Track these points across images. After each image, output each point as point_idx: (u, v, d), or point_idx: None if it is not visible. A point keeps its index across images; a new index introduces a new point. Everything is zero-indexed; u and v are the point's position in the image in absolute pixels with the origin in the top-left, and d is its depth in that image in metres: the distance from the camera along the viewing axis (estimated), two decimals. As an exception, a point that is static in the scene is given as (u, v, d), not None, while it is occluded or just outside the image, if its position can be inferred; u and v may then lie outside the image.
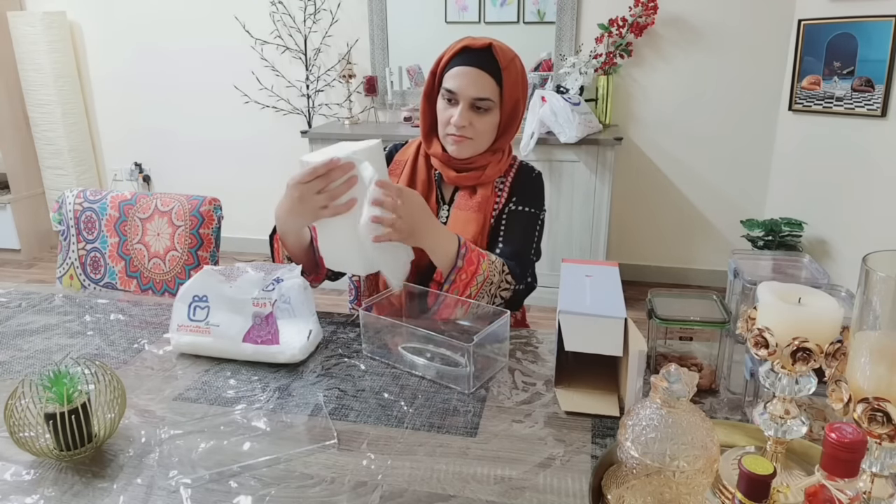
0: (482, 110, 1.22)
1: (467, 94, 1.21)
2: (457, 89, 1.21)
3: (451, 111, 1.23)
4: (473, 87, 1.20)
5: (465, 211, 1.29)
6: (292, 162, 4.24)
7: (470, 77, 1.20)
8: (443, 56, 1.25)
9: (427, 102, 1.30)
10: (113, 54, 3.78)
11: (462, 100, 1.22)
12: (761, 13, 2.95)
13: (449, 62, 1.23)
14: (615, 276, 1.02)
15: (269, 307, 1.06)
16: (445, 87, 1.23)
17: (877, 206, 2.55)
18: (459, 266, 1.15)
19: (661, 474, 0.62)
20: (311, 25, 3.43)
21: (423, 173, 1.32)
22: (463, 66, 1.21)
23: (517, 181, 1.34)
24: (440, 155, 1.29)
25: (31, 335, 1.18)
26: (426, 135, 1.32)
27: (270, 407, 0.94)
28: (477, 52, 1.21)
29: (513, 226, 1.30)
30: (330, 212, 1.07)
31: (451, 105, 1.24)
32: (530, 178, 1.35)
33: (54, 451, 0.80)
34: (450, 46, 1.25)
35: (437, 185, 1.34)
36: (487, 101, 1.21)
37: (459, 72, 1.21)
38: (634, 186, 3.33)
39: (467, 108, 1.22)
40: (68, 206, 1.65)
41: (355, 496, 0.75)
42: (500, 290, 1.22)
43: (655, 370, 0.98)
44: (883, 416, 0.57)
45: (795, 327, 0.67)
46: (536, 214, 1.33)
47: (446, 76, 1.23)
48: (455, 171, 1.29)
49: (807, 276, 1.01)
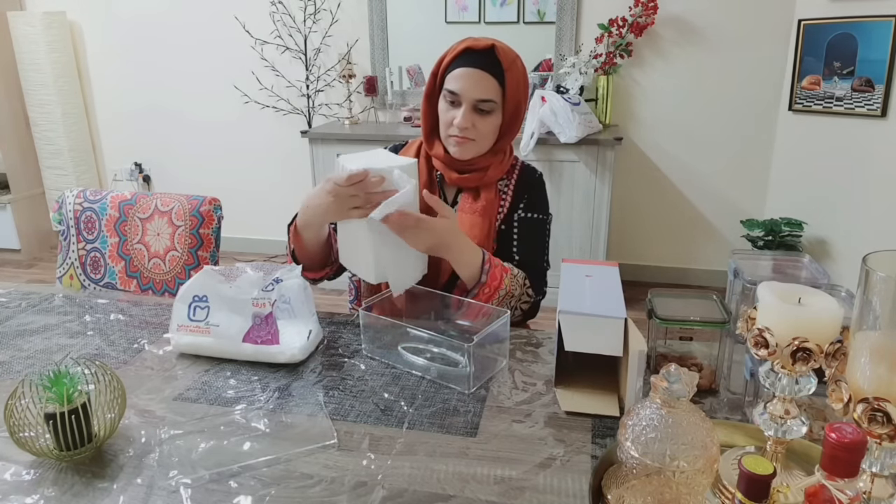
0: (485, 112, 1.22)
1: (470, 96, 1.20)
2: (459, 91, 1.21)
3: (453, 112, 1.23)
4: (476, 88, 1.20)
5: (469, 215, 1.28)
6: (292, 162, 4.21)
7: (473, 79, 1.20)
8: (444, 57, 1.25)
9: (428, 103, 1.30)
10: (113, 54, 3.78)
11: (465, 101, 1.21)
12: (761, 13, 2.95)
13: (451, 63, 1.23)
14: (615, 276, 1.02)
15: (269, 307, 1.06)
16: (448, 89, 1.23)
17: (877, 206, 2.56)
18: (483, 281, 1.17)
19: (661, 474, 0.62)
20: (311, 25, 3.43)
21: (424, 175, 1.32)
22: (465, 67, 1.20)
23: (521, 184, 1.34)
24: (442, 156, 1.29)
25: (31, 335, 1.18)
26: (427, 136, 1.32)
27: (270, 407, 0.94)
28: (479, 53, 1.20)
29: (525, 235, 1.32)
30: (359, 213, 1.08)
31: (454, 106, 1.23)
32: (534, 181, 1.35)
33: (54, 451, 0.80)
34: (451, 47, 1.24)
35: (440, 186, 1.34)
36: (490, 102, 1.21)
37: (462, 73, 1.20)
38: (634, 186, 3.33)
39: (470, 110, 1.21)
40: (68, 206, 1.65)
41: (355, 496, 0.75)
42: (521, 303, 1.24)
43: (655, 370, 0.98)
44: (883, 416, 0.57)
45: (795, 327, 0.67)
46: (545, 220, 1.34)
47: (448, 77, 1.23)
48: (457, 172, 1.29)
49: (807, 276, 1.01)
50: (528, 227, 1.32)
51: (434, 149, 1.30)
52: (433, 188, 1.32)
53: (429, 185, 1.32)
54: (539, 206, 1.34)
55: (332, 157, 3.10)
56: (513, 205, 1.33)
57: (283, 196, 3.76)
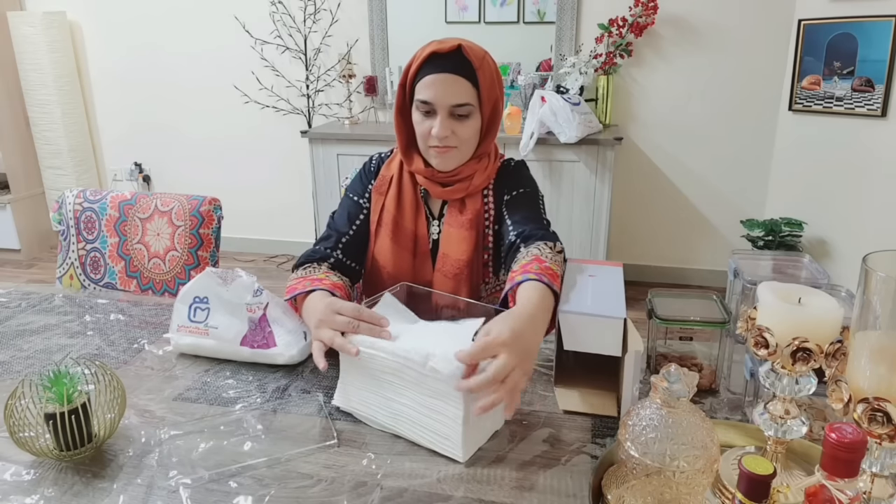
0: (462, 116, 1.15)
1: (444, 103, 1.13)
2: (432, 99, 1.13)
3: (429, 123, 1.16)
4: (450, 94, 1.13)
5: (457, 229, 1.23)
6: (292, 161, 4.21)
7: (444, 84, 1.13)
8: (410, 65, 1.17)
9: (401, 117, 1.22)
10: (113, 54, 3.78)
11: (440, 109, 1.14)
12: (761, 13, 2.95)
13: (418, 71, 1.16)
14: (619, 276, 1.02)
15: (260, 311, 1.05)
16: (420, 99, 1.15)
17: (877, 206, 2.56)
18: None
19: (661, 474, 0.62)
20: (311, 25, 3.43)
21: (409, 193, 1.26)
22: (434, 73, 1.13)
23: (500, 180, 1.27)
24: (423, 171, 1.21)
25: (31, 335, 1.18)
26: (405, 151, 1.24)
27: (270, 407, 0.94)
28: (446, 56, 1.13)
29: (515, 207, 1.23)
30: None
31: (429, 116, 1.16)
32: (511, 170, 1.28)
33: (54, 451, 0.80)
34: (416, 55, 1.17)
35: (424, 200, 1.28)
36: (467, 105, 1.14)
37: (432, 80, 1.13)
38: (634, 186, 3.33)
39: (447, 117, 1.14)
40: (68, 206, 1.65)
41: (355, 496, 0.75)
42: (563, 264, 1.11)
43: (655, 370, 0.98)
44: (883, 416, 0.57)
45: (795, 327, 0.67)
46: (533, 192, 1.26)
47: (418, 87, 1.15)
48: (441, 185, 1.23)
49: (807, 276, 1.01)
50: (515, 201, 1.23)
51: (414, 164, 1.23)
52: (419, 207, 1.26)
53: (414, 203, 1.26)
54: (522, 183, 1.25)
55: (332, 157, 3.10)
56: (497, 203, 1.26)
57: (283, 196, 3.77)
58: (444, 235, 1.25)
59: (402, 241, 1.25)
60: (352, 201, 1.31)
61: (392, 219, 1.25)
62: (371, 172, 1.32)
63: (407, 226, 1.26)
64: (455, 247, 1.22)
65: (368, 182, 1.31)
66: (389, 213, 1.26)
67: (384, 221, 1.26)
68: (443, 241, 1.25)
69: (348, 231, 1.28)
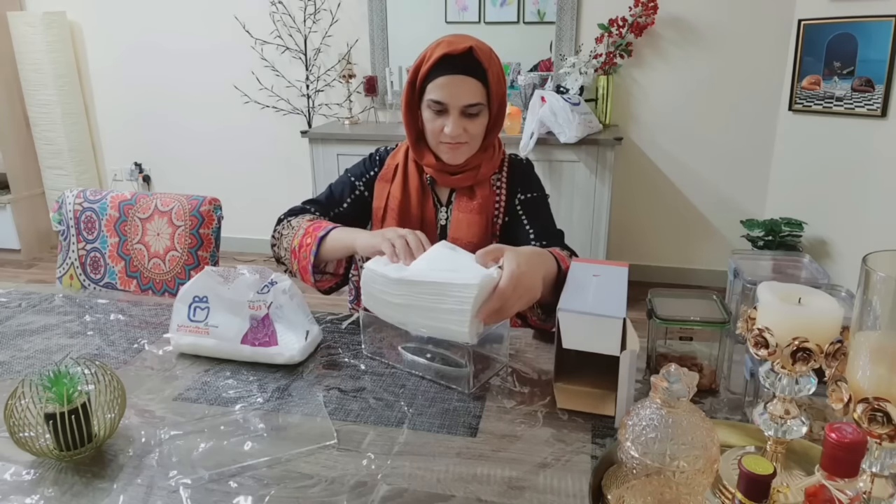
0: (473, 115, 1.21)
1: (457, 103, 1.18)
2: (445, 100, 1.18)
3: (441, 121, 1.21)
4: (463, 95, 1.18)
5: (466, 214, 1.28)
6: (292, 162, 4.22)
7: (457, 86, 1.17)
8: (420, 65, 1.21)
9: (409, 112, 1.27)
10: (113, 54, 3.78)
11: (452, 109, 1.19)
12: (761, 13, 2.96)
13: (429, 72, 1.19)
14: (623, 276, 1.01)
15: (265, 309, 1.06)
16: (432, 99, 1.19)
17: (877, 206, 2.56)
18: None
19: (661, 474, 0.62)
20: (311, 25, 3.43)
21: (414, 179, 1.31)
22: (447, 75, 1.17)
23: (513, 175, 1.34)
24: (434, 164, 1.28)
25: (31, 335, 1.18)
26: (414, 145, 1.29)
27: (270, 407, 0.94)
28: (458, 57, 1.17)
29: (534, 214, 1.32)
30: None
31: (440, 115, 1.21)
32: (524, 168, 1.36)
33: (54, 451, 0.80)
34: (426, 54, 1.21)
35: (431, 188, 1.33)
36: (478, 105, 1.20)
37: (446, 82, 1.17)
38: (634, 186, 3.33)
39: (459, 116, 1.19)
40: (68, 206, 1.65)
41: (355, 496, 0.75)
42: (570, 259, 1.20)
43: (655, 370, 0.98)
44: (883, 416, 0.57)
45: (795, 327, 0.67)
46: (544, 197, 1.36)
47: (430, 87, 1.19)
48: (450, 174, 1.28)
49: (807, 276, 1.01)
50: (533, 206, 1.33)
51: (425, 158, 1.28)
52: (426, 192, 1.32)
53: (420, 189, 1.31)
54: (534, 186, 1.35)
55: (332, 157, 3.11)
56: (509, 196, 1.33)
57: (283, 196, 3.76)
58: (453, 220, 1.30)
59: (409, 226, 1.28)
60: (349, 181, 1.37)
61: (398, 204, 1.30)
62: (376, 161, 1.38)
63: (413, 212, 1.30)
64: (465, 230, 1.26)
65: (370, 170, 1.37)
66: (395, 198, 1.30)
67: (390, 207, 1.31)
68: (452, 226, 1.29)
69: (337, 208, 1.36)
